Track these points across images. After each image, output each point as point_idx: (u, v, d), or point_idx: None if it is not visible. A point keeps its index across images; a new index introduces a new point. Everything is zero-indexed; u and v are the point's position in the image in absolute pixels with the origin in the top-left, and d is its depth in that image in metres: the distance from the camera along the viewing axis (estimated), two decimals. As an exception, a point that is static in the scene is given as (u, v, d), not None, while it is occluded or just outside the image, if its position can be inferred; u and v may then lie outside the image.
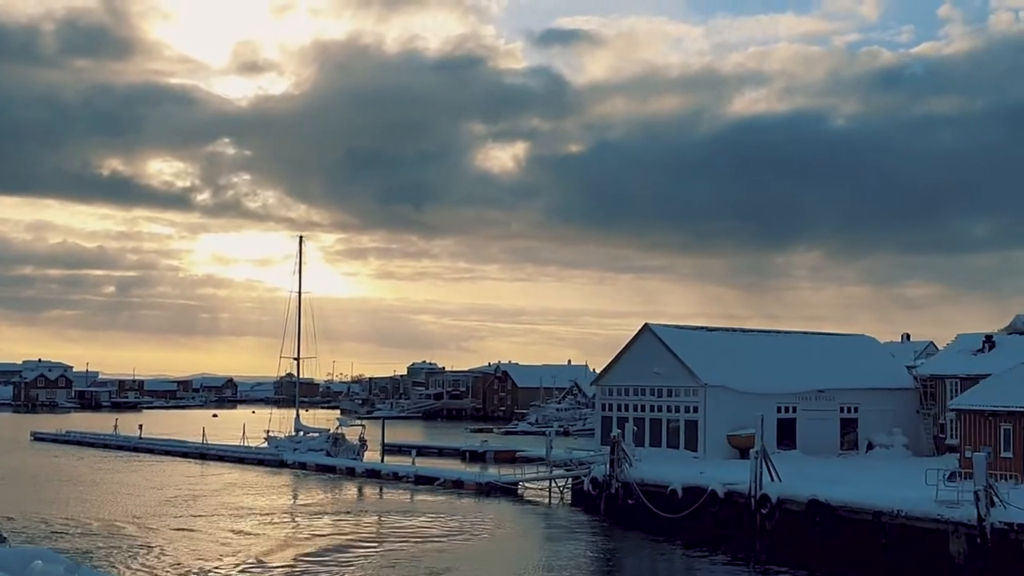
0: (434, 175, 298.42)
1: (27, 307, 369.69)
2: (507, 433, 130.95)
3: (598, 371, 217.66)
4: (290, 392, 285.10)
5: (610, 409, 63.67)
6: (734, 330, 65.96)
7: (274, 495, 60.78)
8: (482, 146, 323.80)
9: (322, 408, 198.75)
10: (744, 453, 57.50)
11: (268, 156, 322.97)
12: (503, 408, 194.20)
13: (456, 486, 62.77)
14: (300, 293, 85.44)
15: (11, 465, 77.76)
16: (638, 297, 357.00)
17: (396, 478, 67.27)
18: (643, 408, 61.19)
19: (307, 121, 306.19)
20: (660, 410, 60.17)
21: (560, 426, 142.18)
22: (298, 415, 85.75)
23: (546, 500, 58.21)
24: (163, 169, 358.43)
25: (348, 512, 52.62)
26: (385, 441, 77.96)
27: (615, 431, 52.18)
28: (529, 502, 58.11)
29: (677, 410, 59.20)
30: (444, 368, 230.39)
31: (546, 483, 60.44)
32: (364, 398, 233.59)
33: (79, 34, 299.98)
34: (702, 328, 64.55)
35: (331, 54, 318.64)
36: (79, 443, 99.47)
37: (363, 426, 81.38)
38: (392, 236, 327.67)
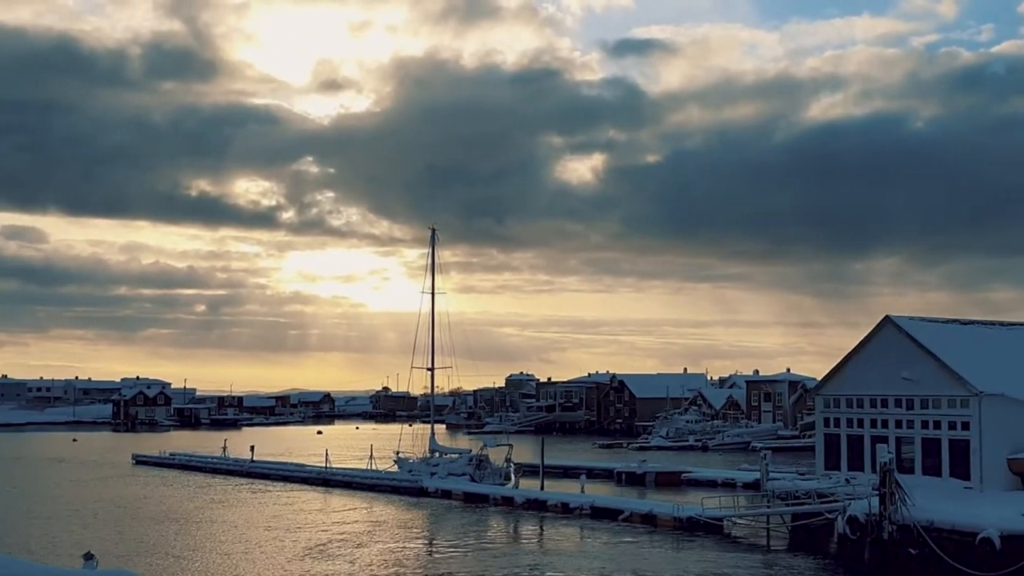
0: (513, 188, 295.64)
1: (124, 326, 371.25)
2: (640, 448, 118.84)
3: (715, 378, 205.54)
4: (387, 406, 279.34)
5: (836, 425, 51.05)
6: (990, 323, 52.81)
7: (428, 535, 49.65)
8: (560, 158, 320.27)
9: (423, 423, 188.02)
10: (1029, 481, 44.68)
11: (350, 173, 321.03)
12: (620, 420, 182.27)
13: (646, 521, 50.91)
14: (433, 293, 74.37)
15: (110, 496, 67.29)
16: (716, 306, 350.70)
17: (566, 510, 55.56)
18: (885, 424, 48.45)
19: (387, 137, 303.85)
20: (912, 426, 47.33)
21: (697, 440, 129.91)
22: (433, 433, 74.52)
23: (761, 541, 46.09)
24: (249, 188, 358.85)
25: (547, 566, 40.95)
26: (541, 463, 66.57)
27: (884, 455, 39.59)
28: (743, 544, 46.03)
29: (938, 426, 46.30)
30: (551, 379, 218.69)
31: (749, 517, 48.68)
32: (470, 411, 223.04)
33: (165, 57, 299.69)
34: (953, 321, 51.56)
35: (409, 70, 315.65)
36: (184, 467, 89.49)
37: (510, 446, 69.80)
38: (473, 250, 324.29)
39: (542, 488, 62.00)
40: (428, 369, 74.45)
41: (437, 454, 71.65)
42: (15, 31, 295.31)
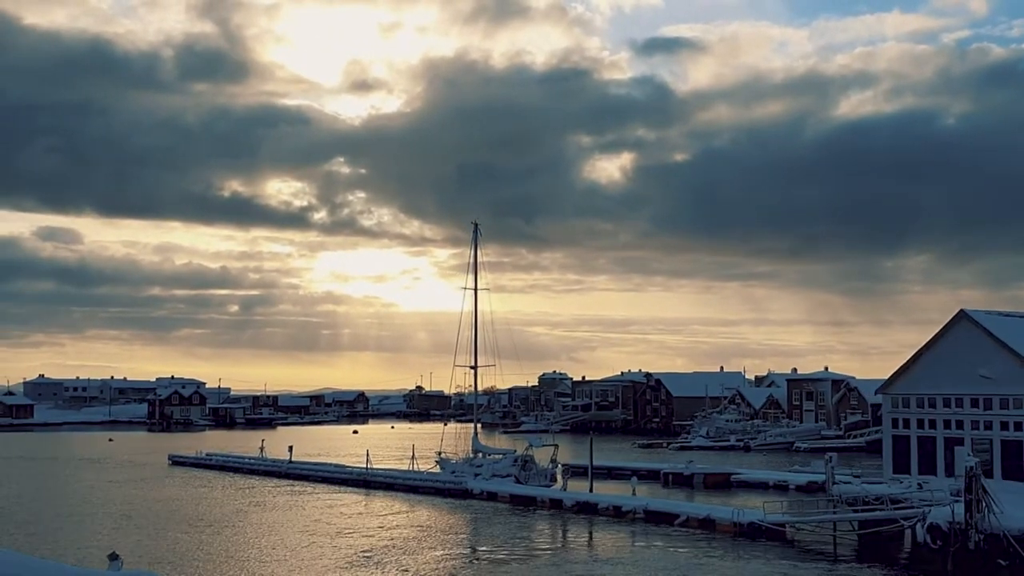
0: (543, 188, 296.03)
1: (158, 326, 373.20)
2: (682, 448, 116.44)
3: (754, 377, 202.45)
4: (421, 405, 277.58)
5: (906, 426, 48.38)
6: (1069, 318, 50.03)
7: (477, 541, 47.40)
8: (589, 157, 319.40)
9: (458, 422, 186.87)
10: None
11: (381, 174, 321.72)
12: (657, 419, 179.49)
13: (704, 526, 48.41)
14: (476, 290, 72.04)
15: (145, 497, 65.50)
16: (745, 304, 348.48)
17: (618, 513, 53.19)
18: (960, 425, 45.76)
19: (418, 138, 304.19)
20: (989, 427, 44.66)
21: (738, 439, 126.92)
22: (476, 433, 72.24)
23: (827, 548, 43.49)
24: (281, 189, 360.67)
25: None
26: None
27: (969, 460, 37.03)
28: (809, 552, 43.37)
29: (1019, 427, 43.62)
30: (585, 378, 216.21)
31: (814, 523, 46.08)
32: (505, 410, 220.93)
33: (197, 59, 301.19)
34: (1030, 316, 48.92)
35: (439, 71, 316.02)
36: (221, 468, 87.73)
37: (556, 446, 67.49)
38: (503, 250, 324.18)
39: (591, 490, 59.64)
40: (471, 367, 72.09)
41: (481, 455, 69.42)
42: (50, 34, 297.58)
